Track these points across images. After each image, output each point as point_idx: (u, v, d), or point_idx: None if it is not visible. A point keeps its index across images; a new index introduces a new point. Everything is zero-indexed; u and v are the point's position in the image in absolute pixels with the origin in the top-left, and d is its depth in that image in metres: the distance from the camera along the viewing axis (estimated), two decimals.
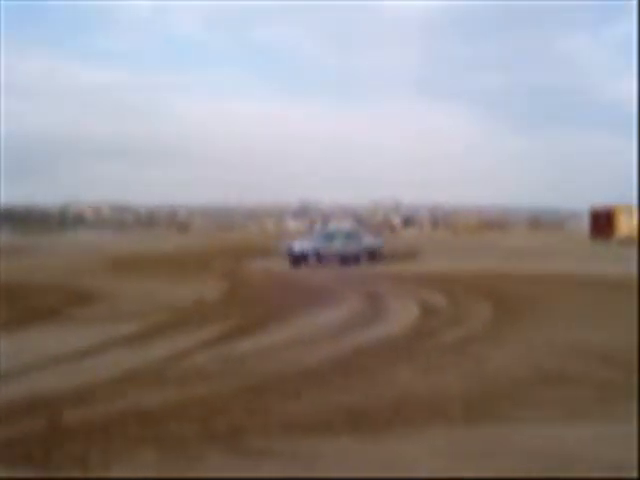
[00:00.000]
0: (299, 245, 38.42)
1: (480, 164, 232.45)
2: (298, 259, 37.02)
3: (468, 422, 8.34)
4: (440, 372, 10.99)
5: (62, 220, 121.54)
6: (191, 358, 12.35)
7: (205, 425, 8.18)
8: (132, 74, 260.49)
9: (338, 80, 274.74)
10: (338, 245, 38.16)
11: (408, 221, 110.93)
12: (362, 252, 38.03)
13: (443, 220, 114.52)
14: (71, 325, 16.45)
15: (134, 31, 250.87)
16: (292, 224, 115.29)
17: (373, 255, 38.28)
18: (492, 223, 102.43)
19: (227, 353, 12.69)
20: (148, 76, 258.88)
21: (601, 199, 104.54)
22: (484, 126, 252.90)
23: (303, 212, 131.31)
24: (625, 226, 59.18)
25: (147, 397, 9.53)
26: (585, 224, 70.51)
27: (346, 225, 79.49)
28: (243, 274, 29.91)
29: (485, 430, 8.09)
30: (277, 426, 8.18)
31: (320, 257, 37.30)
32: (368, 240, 40.04)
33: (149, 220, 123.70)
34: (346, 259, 37.20)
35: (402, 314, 17.23)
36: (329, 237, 39.23)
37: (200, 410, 8.85)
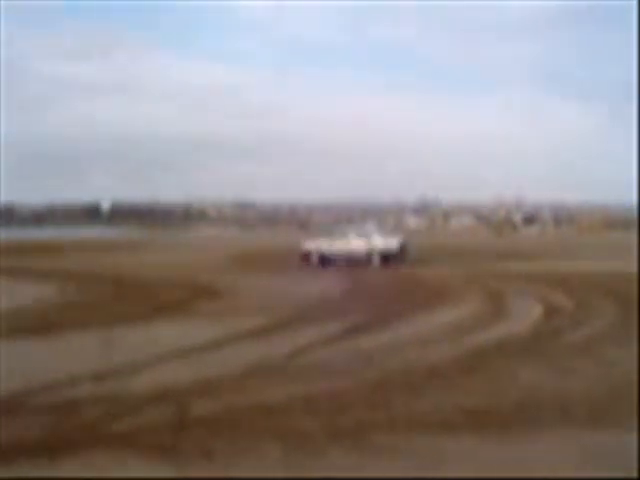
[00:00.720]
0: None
1: (606, 162, 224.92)
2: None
3: (595, 426, 8.08)
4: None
5: (185, 217, 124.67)
6: (315, 353, 12.43)
7: (329, 421, 8.19)
8: (256, 73, 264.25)
9: (455, 77, 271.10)
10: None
11: (530, 219, 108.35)
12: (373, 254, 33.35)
13: (567, 218, 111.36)
14: (198, 319, 16.84)
15: (256, 31, 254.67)
16: (412, 221, 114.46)
17: (387, 258, 33.35)
18: (617, 222, 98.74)
19: (350, 349, 12.71)
20: (269, 75, 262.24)
21: None
22: (608, 123, 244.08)
23: (423, 209, 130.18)
24: None
25: (272, 391, 9.63)
26: None
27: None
28: (362, 271, 29.81)
29: (612, 436, 7.80)
30: (401, 424, 8.12)
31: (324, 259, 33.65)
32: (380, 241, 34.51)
33: (270, 217, 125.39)
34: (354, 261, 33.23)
35: (525, 314, 16.74)
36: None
37: (324, 405, 8.89)
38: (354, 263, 32.74)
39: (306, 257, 33.96)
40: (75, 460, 7.02)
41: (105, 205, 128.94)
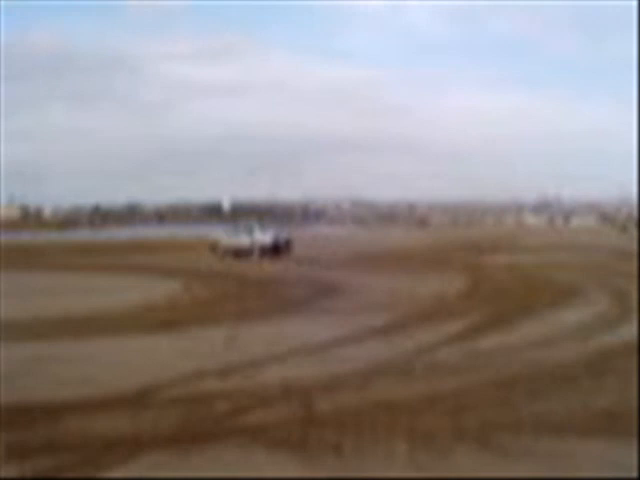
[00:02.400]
0: None
1: None
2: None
3: None
4: None
5: (304, 215, 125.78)
6: (437, 351, 12.36)
7: (454, 419, 8.12)
8: (373, 71, 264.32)
9: (578, 71, 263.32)
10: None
11: None
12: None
13: None
14: (321, 316, 17.02)
15: (372, 28, 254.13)
16: (531, 219, 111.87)
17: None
18: None
19: (471, 348, 12.59)
20: (388, 73, 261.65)
21: None
22: None
23: (544, 207, 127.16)
24: None
25: (397, 389, 9.64)
26: None
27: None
28: (483, 269, 29.40)
29: None
30: (528, 424, 7.97)
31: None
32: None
33: (389, 215, 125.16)
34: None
35: None
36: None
37: (449, 404, 8.82)
38: None
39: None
40: (204, 454, 7.18)
41: (226, 203, 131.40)
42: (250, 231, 41.27)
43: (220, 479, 6.63)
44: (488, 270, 29.16)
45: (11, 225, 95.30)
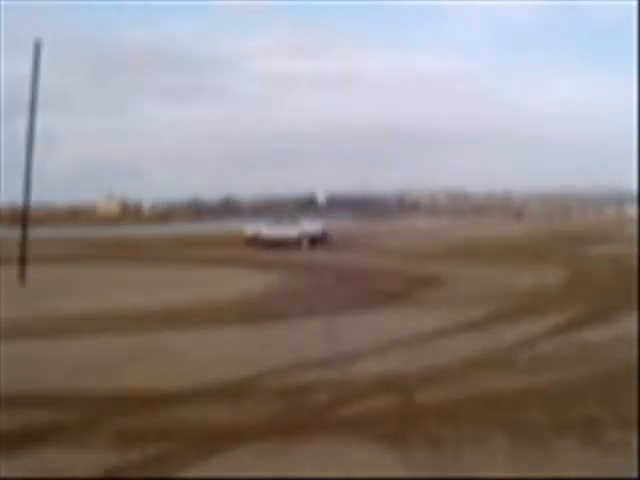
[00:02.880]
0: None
1: None
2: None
3: None
4: None
5: (399, 207, 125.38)
6: (537, 345, 12.17)
7: (556, 414, 7.99)
8: (466, 61, 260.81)
9: None
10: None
11: None
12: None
13: None
14: (418, 308, 16.96)
15: (466, 19, 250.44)
16: (632, 210, 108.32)
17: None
18: None
19: (572, 342, 12.35)
20: (480, 63, 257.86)
21: None
22: None
23: None
24: None
25: (496, 382, 9.53)
26: None
27: None
28: (581, 261, 28.77)
29: None
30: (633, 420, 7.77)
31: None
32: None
33: (484, 207, 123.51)
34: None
35: None
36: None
37: (550, 399, 8.69)
38: None
39: None
40: (303, 445, 7.23)
41: (320, 197, 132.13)
42: (292, 222, 43.02)
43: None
44: (589, 263, 28.48)
45: (111, 220, 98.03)
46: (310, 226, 43.11)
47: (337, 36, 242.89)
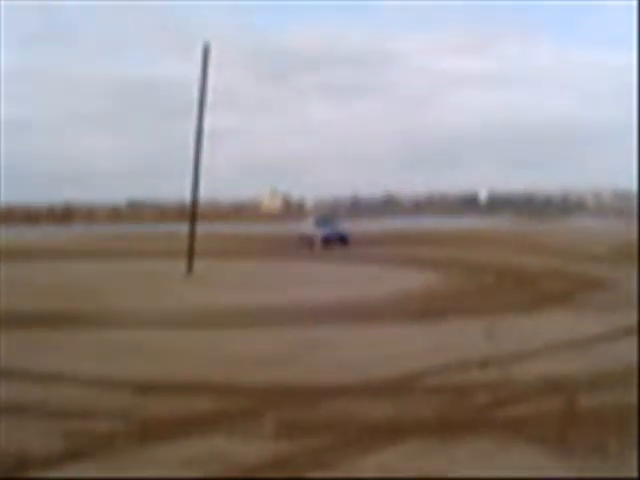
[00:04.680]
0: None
1: None
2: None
3: None
4: None
5: (563, 207, 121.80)
6: None
7: None
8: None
9: None
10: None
11: None
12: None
13: None
14: (578, 310, 16.61)
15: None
16: None
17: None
18: None
19: None
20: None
21: None
22: None
23: None
24: None
25: None
26: None
27: None
28: None
29: None
30: None
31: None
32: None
33: None
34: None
35: None
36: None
37: None
38: None
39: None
40: (462, 444, 7.27)
41: (482, 195, 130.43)
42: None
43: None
44: None
45: (274, 217, 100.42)
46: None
47: (504, 34, 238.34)
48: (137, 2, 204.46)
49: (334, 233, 43.95)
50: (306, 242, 42.99)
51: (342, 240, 42.83)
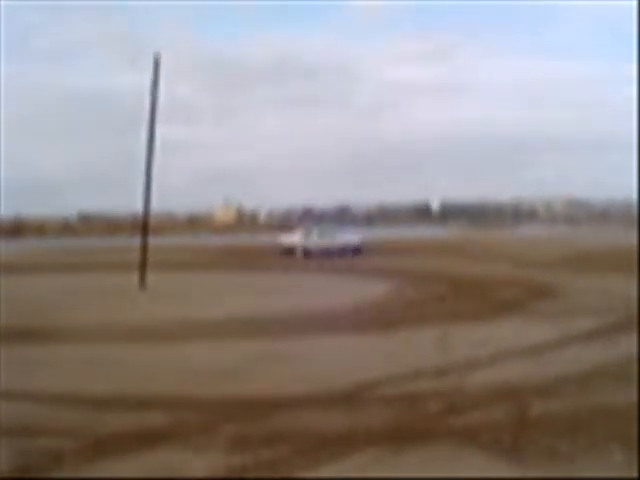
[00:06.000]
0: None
1: None
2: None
3: None
4: None
5: (515, 216, 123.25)
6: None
7: None
8: (583, 66, 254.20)
9: None
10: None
11: None
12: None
13: None
14: (530, 318, 16.76)
15: (581, 23, 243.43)
16: None
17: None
18: None
19: None
20: (597, 67, 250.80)
21: None
22: None
23: None
24: None
25: (614, 395, 9.37)
26: None
27: None
28: None
29: None
30: None
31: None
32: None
33: (604, 215, 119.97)
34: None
35: None
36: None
37: None
38: None
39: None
40: (416, 452, 7.29)
41: (435, 204, 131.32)
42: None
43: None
44: None
45: (228, 228, 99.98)
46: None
47: (454, 43, 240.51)
48: (87, 11, 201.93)
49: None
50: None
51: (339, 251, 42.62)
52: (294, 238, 44.78)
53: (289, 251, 43.15)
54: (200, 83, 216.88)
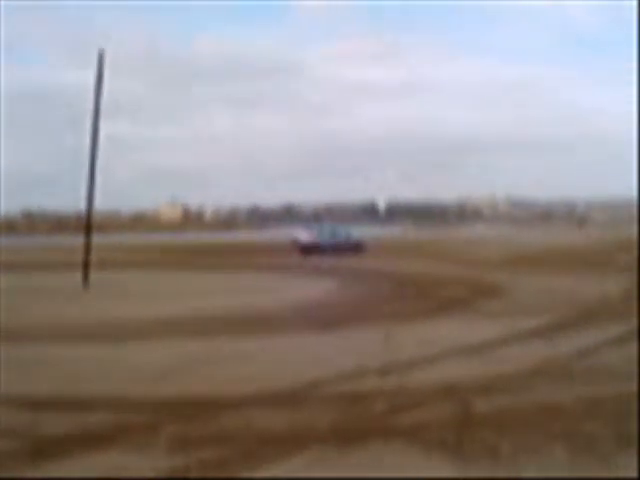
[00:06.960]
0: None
1: None
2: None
3: None
4: None
5: (460, 216, 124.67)
6: (597, 356, 12.03)
7: (617, 426, 7.86)
8: (529, 67, 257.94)
9: None
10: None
11: None
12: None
13: None
14: (477, 317, 16.92)
15: (526, 24, 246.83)
16: None
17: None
18: None
19: (632, 354, 12.08)
20: (544, 68, 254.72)
21: None
22: None
23: None
24: None
25: (556, 392, 9.47)
26: None
27: None
28: None
29: None
30: None
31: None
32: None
33: (546, 215, 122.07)
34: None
35: None
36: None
37: (610, 410, 8.59)
38: None
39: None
40: (361, 451, 7.27)
41: (381, 204, 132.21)
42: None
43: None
44: None
45: (174, 226, 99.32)
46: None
47: (403, 43, 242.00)
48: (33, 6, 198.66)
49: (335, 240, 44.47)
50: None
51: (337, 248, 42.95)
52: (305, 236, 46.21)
53: (306, 249, 43.91)
54: (150, 82, 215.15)
